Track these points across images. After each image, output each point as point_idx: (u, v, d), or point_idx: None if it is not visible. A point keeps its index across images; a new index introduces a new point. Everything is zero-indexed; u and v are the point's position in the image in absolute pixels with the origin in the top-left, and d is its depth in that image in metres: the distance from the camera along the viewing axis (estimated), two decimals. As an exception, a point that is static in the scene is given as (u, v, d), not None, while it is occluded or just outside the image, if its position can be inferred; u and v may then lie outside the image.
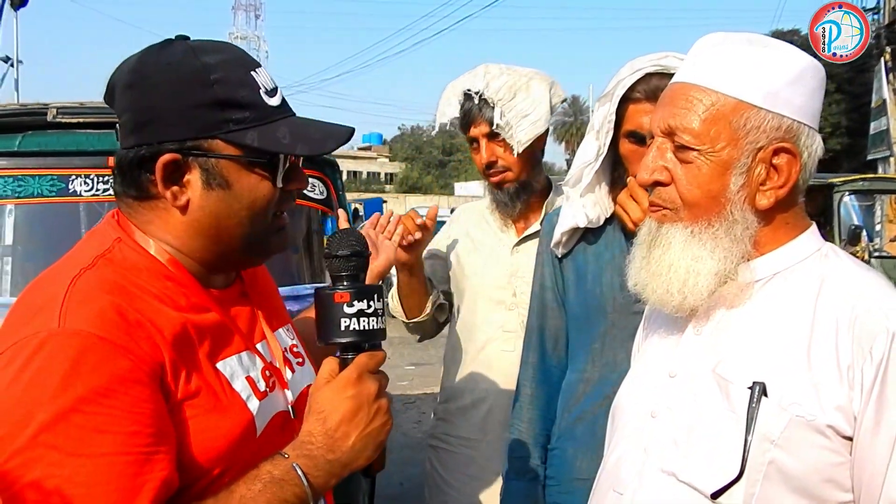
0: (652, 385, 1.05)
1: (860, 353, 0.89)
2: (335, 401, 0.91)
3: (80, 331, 0.81)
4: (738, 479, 0.91)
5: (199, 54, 0.94)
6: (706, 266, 0.96)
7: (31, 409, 0.78)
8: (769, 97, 0.95)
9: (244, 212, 0.95)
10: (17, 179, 1.86)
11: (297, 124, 0.97)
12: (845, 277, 0.96)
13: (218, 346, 0.95)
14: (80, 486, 0.77)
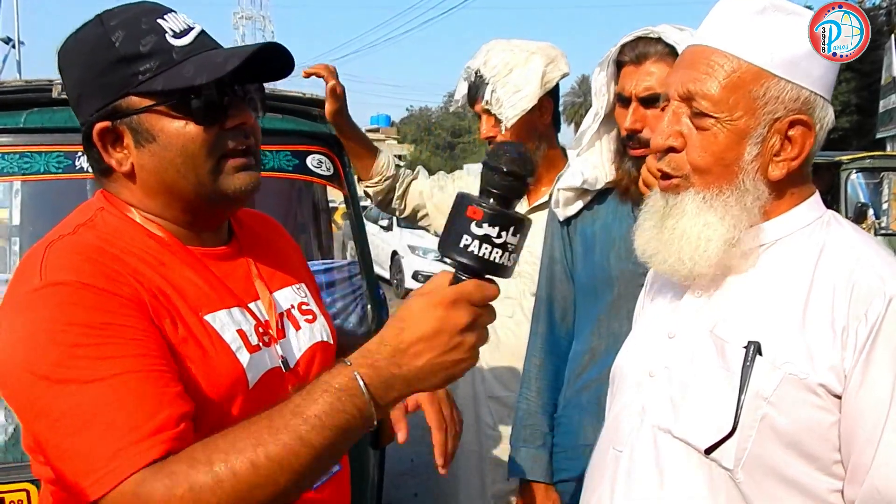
0: (651, 346, 1.06)
1: (855, 316, 0.90)
2: (420, 315, 0.81)
3: (63, 280, 0.84)
4: (731, 435, 0.92)
5: (105, 21, 0.94)
6: (717, 232, 0.96)
7: (38, 355, 0.81)
8: (790, 67, 0.94)
9: (178, 159, 0.93)
10: (24, 156, 1.86)
11: (204, 57, 0.93)
12: (845, 243, 0.96)
13: (203, 300, 0.95)
14: (103, 405, 0.79)
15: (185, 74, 0.91)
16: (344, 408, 0.80)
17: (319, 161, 2.13)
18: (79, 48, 0.94)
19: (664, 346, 1.04)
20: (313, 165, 2.12)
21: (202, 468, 0.77)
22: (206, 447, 0.79)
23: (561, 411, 1.68)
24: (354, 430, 0.81)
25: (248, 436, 0.79)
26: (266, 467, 0.77)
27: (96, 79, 0.92)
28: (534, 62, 1.87)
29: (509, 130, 1.88)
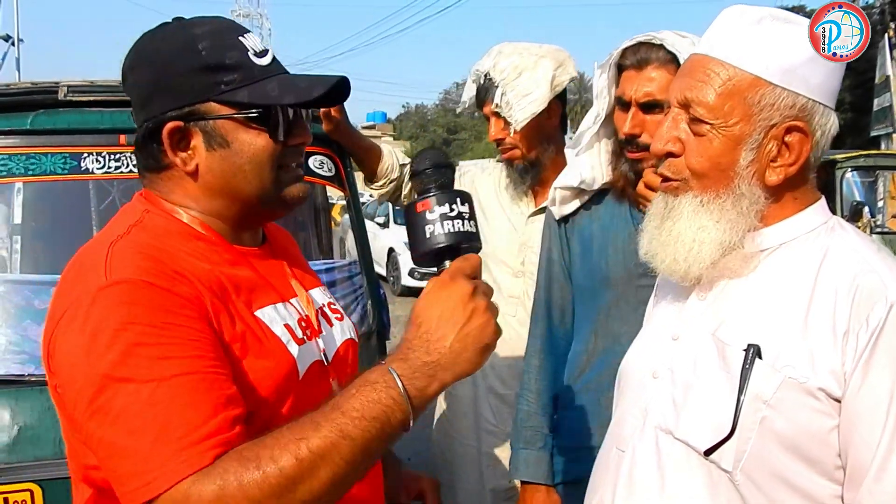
0: (656, 347, 1.08)
1: (857, 320, 0.91)
2: (428, 304, 0.89)
3: (126, 279, 0.88)
4: (730, 437, 0.93)
5: (188, 28, 1.00)
6: (710, 235, 0.98)
7: (100, 353, 0.84)
8: (786, 74, 0.95)
9: (246, 166, 0.99)
10: (30, 157, 1.88)
11: (286, 79, 1.01)
12: (849, 249, 0.97)
13: (254, 296, 1.00)
14: (160, 406, 0.82)
15: (271, 92, 0.98)
16: (379, 398, 0.84)
17: (321, 162, 2.16)
18: (158, 48, 0.99)
19: (668, 348, 1.06)
20: (315, 166, 2.15)
21: (251, 465, 0.80)
22: (255, 445, 0.82)
23: (561, 412, 1.70)
24: (392, 422, 0.85)
25: (291, 432, 0.82)
26: (309, 460, 0.81)
27: (178, 80, 0.97)
28: (543, 66, 1.89)
29: (519, 133, 1.91)
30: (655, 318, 1.15)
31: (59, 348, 0.89)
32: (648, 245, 1.06)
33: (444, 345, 0.87)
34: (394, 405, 0.85)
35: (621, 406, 1.13)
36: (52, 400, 0.96)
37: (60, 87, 1.96)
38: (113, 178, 1.94)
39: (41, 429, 1.68)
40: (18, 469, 1.64)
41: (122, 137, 1.93)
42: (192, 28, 1.00)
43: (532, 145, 1.94)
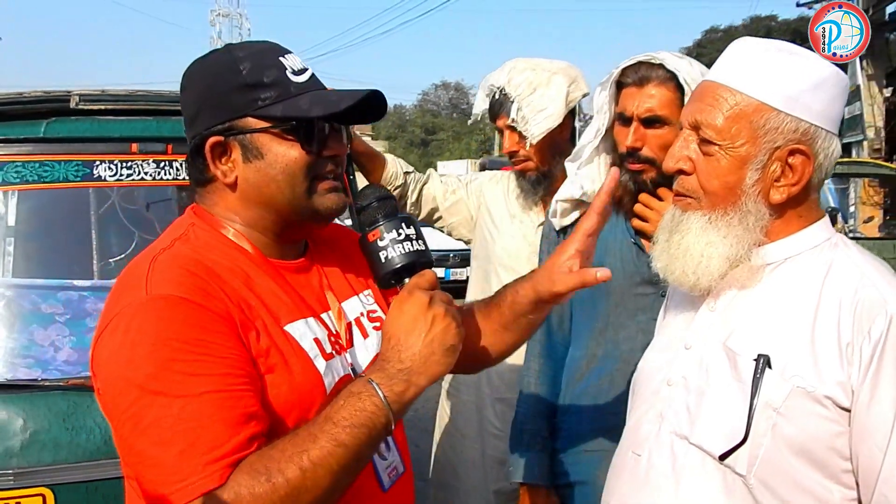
0: (669, 356, 1.14)
1: (859, 333, 0.96)
2: (393, 319, 0.99)
3: (164, 295, 0.94)
4: (744, 443, 0.99)
5: (232, 51, 1.07)
6: (718, 251, 1.05)
7: (137, 366, 0.90)
8: (789, 101, 1.02)
9: (280, 177, 1.05)
10: (44, 164, 1.91)
11: (319, 94, 1.07)
12: (851, 264, 1.03)
13: (284, 311, 1.05)
14: (188, 421, 0.89)
15: (302, 106, 1.04)
16: (364, 406, 0.93)
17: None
18: (205, 70, 1.08)
19: (681, 357, 1.12)
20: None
21: (261, 478, 0.87)
22: (262, 457, 0.89)
23: (560, 416, 1.74)
24: (377, 426, 0.94)
25: (293, 445, 0.89)
26: (311, 470, 0.88)
27: (219, 98, 1.04)
28: (556, 82, 1.97)
29: (534, 147, 1.99)
30: (668, 328, 1.21)
31: (101, 356, 0.95)
32: (659, 257, 1.13)
33: (413, 352, 0.96)
34: (377, 411, 0.93)
35: (636, 412, 1.18)
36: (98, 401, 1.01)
37: (72, 96, 1.98)
38: (125, 185, 1.97)
39: (53, 433, 1.71)
40: (30, 473, 1.67)
41: (133, 146, 1.97)
42: (236, 51, 1.07)
43: (545, 158, 2.02)
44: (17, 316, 1.91)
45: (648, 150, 1.58)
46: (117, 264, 1.98)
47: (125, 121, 2.00)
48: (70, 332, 1.92)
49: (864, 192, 10.00)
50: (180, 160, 1.99)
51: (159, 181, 1.99)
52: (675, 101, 1.56)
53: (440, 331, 0.97)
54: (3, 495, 1.62)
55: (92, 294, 1.98)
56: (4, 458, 1.67)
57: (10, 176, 1.90)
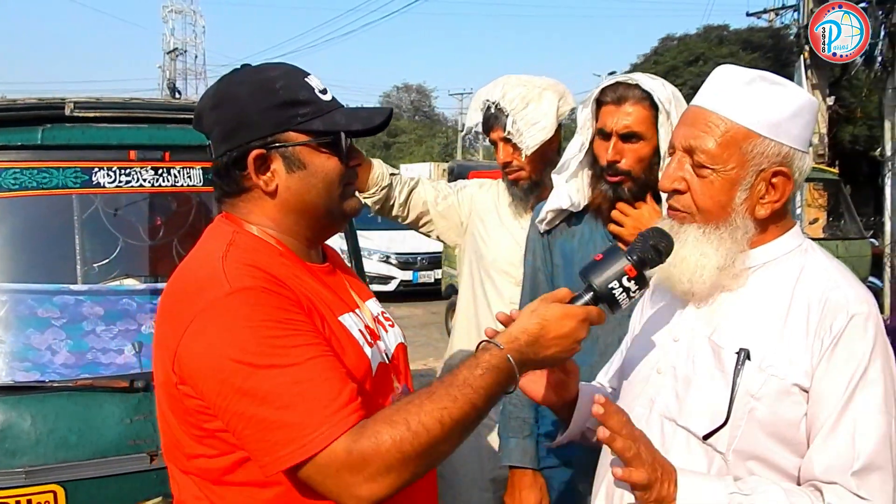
0: (658, 347, 1.27)
1: (823, 328, 1.10)
2: (559, 320, 1.11)
3: (247, 286, 1.04)
4: (724, 425, 1.12)
5: (263, 71, 1.17)
6: (711, 261, 1.17)
7: (242, 347, 0.99)
8: (773, 128, 1.14)
9: (320, 185, 1.16)
10: (42, 171, 1.94)
11: (349, 111, 1.19)
12: (820, 269, 1.17)
13: (334, 305, 1.16)
14: (303, 383, 0.99)
15: (340, 122, 1.15)
16: (499, 381, 1.06)
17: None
18: (242, 90, 1.15)
19: (670, 348, 1.24)
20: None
21: (401, 426, 0.98)
22: (399, 411, 1.00)
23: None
24: (501, 395, 1.09)
25: (432, 402, 1.01)
26: (450, 426, 1.00)
27: (260, 114, 1.12)
28: (547, 97, 2.11)
29: (527, 157, 2.12)
30: (655, 321, 1.33)
31: (193, 349, 1.02)
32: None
33: (546, 353, 1.12)
34: (506, 385, 1.08)
35: (627, 397, 1.31)
36: (166, 400, 1.10)
37: (67, 103, 2.02)
38: (124, 192, 2.02)
39: (62, 432, 1.76)
40: (41, 471, 1.71)
41: (132, 153, 2.02)
42: (267, 72, 1.16)
43: (537, 168, 2.14)
44: (14, 321, 1.94)
45: (626, 163, 1.73)
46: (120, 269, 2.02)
47: (123, 128, 2.05)
48: (67, 336, 1.96)
49: (809, 196, 10.44)
50: (178, 167, 2.04)
51: (158, 188, 2.05)
52: (650, 118, 1.72)
53: (564, 357, 1.14)
54: (16, 493, 1.66)
55: (88, 298, 2.02)
56: (16, 456, 1.70)
57: (9, 182, 1.93)
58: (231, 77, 1.18)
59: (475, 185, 2.36)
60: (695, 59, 24.51)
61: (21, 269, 2.06)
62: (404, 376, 1.29)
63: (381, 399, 1.15)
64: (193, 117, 1.20)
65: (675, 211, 1.22)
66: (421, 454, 0.99)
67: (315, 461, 0.97)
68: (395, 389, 1.22)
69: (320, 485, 0.99)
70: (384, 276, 11.02)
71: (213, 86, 1.20)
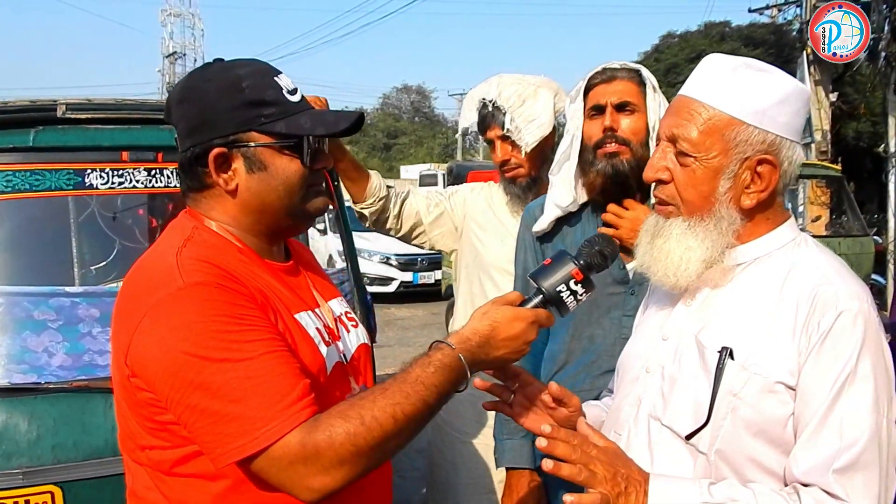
0: (648, 346, 1.26)
1: (811, 324, 1.07)
2: (509, 322, 1.14)
3: (200, 281, 1.04)
4: (706, 425, 1.10)
5: (232, 68, 1.16)
6: (695, 254, 1.15)
7: (195, 341, 0.99)
8: (757, 115, 1.11)
9: (280, 188, 1.15)
10: (34, 174, 1.94)
11: (315, 113, 1.17)
12: (811, 265, 1.13)
13: (290, 303, 1.16)
14: (255, 378, 0.99)
15: (304, 125, 1.14)
16: (450, 379, 1.09)
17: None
18: (209, 86, 1.14)
19: (659, 347, 1.23)
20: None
21: (354, 420, 0.99)
22: (353, 406, 1.01)
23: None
24: (452, 395, 1.11)
25: (385, 398, 1.02)
26: (403, 422, 1.01)
27: (225, 113, 1.12)
28: (542, 94, 2.11)
29: (527, 155, 2.12)
30: (648, 321, 1.32)
31: (145, 342, 1.03)
32: (643, 258, 1.23)
33: (495, 353, 1.15)
34: (457, 384, 1.11)
35: (619, 395, 1.30)
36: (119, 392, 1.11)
37: (59, 105, 2.02)
38: (117, 193, 2.02)
39: (58, 433, 1.76)
40: (38, 472, 1.72)
41: (124, 154, 2.02)
42: (236, 69, 1.15)
43: (535, 165, 2.14)
44: (10, 323, 1.94)
45: (623, 132, 1.71)
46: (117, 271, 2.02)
47: (115, 129, 2.05)
48: (63, 338, 1.96)
49: (811, 193, 10.41)
50: (171, 168, 2.04)
51: (151, 189, 2.05)
52: (640, 92, 1.73)
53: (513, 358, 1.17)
54: (13, 493, 1.67)
55: (83, 300, 2.02)
56: (12, 457, 1.71)
57: (1, 185, 1.93)
58: (201, 72, 1.18)
59: (467, 189, 2.36)
60: (696, 56, 24.39)
61: (17, 272, 2.06)
62: (364, 377, 1.29)
63: (336, 398, 1.15)
64: (164, 109, 1.20)
65: (661, 205, 1.21)
66: (374, 448, 1.00)
67: (268, 453, 0.98)
68: (352, 390, 1.22)
69: (273, 477, 1.00)
70: (384, 278, 11.04)
71: (182, 79, 1.19)
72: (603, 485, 1.04)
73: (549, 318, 1.18)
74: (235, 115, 1.12)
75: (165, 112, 1.19)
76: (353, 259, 2.39)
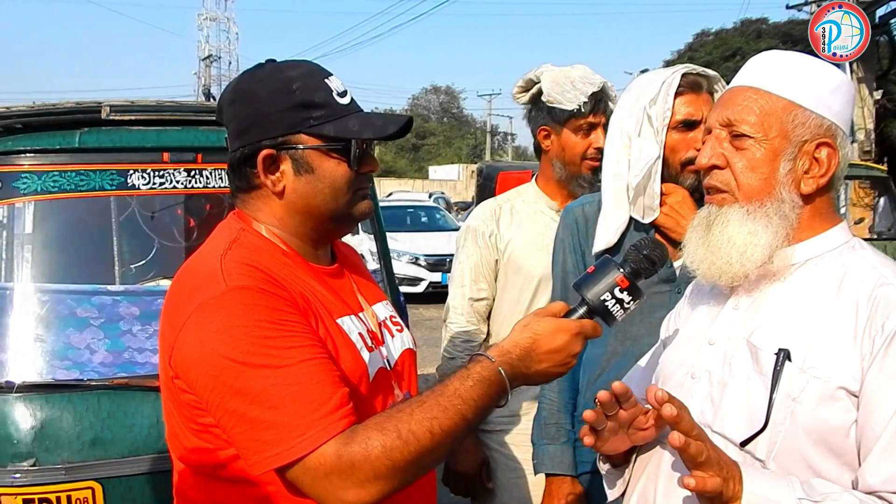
0: (693, 351, 1.21)
1: (874, 327, 1.03)
2: (552, 334, 1.11)
3: (243, 286, 1.04)
4: (763, 430, 1.05)
5: (283, 70, 1.16)
6: (761, 239, 1.11)
7: (235, 346, 0.99)
8: (814, 100, 1.11)
9: (327, 190, 1.15)
10: (80, 174, 1.98)
11: (364, 116, 1.17)
12: (868, 266, 1.10)
13: (333, 307, 1.15)
14: (293, 385, 0.98)
15: (352, 128, 1.14)
16: (489, 393, 1.06)
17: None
18: (260, 88, 1.14)
19: (705, 352, 1.18)
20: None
21: (391, 434, 0.97)
22: (390, 419, 1.00)
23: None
24: (492, 409, 1.07)
25: (422, 411, 1.00)
26: (440, 436, 0.99)
27: (274, 114, 1.12)
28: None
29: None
30: (690, 324, 1.27)
31: (188, 344, 1.03)
32: (695, 253, 1.18)
33: (537, 367, 1.11)
34: (497, 398, 1.07)
35: None
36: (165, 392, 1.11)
37: (103, 107, 2.06)
38: (158, 193, 2.05)
39: (100, 430, 1.79)
40: (80, 468, 1.75)
41: (165, 155, 2.05)
42: (287, 71, 1.16)
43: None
44: (54, 320, 1.98)
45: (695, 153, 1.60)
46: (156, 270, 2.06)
47: (157, 131, 2.08)
48: (105, 336, 2.00)
49: (854, 195, 10.12)
50: (210, 168, 2.07)
51: (190, 189, 2.07)
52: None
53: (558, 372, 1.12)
54: (55, 489, 1.70)
55: (124, 298, 2.06)
56: (55, 453, 1.74)
57: (49, 185, 1.97)
58: (252, 73, 1.18)
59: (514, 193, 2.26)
60: (731, 55, 24.08)
61: (61, 270, 2.11)
62: (408, 383, 1.27)
63: (379, 405, 1.15)
64: (216, 109, 1.21)
65: (713, 194, 1.17)
66: (410, 462, 0.98)
67: (304, 463, 0.97)
68: (395, 396, 1.21)
69: (307, 487, 0.99)
70: (413, 278, 11.05)
71: (235, 79, 1.20)
72: (714, 469, 0.99)
73: (596, 329, 1.14)
74: (285, 117, 1.12)
75: (217, 112, 1.20)
76: (388, 260, 2.38)
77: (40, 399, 1.80)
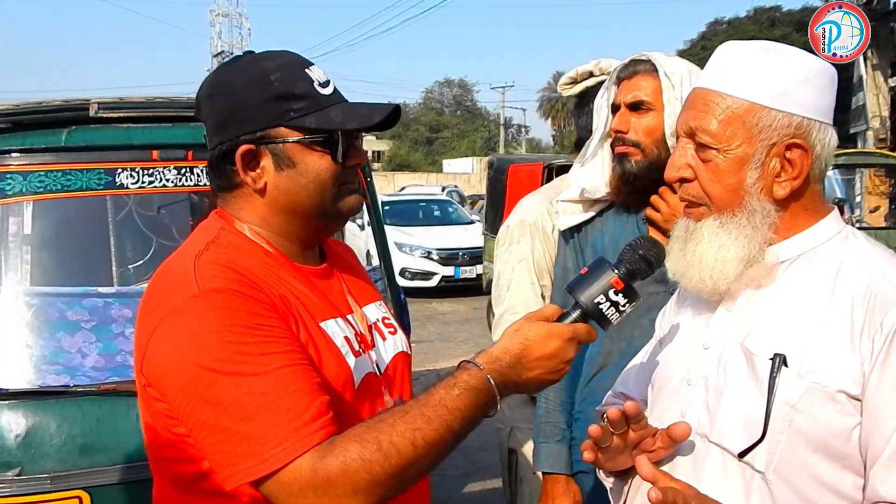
0: (688, 356, 1.16)
1: (872, 325, 0.98)
2: (543, 339, 1.04)
3: (216, 288, 0.98)
4: (762, 440, 1.00)
5: (261, 61, 1.09)
6: (731, 253, 1.06)
7: (207, 352, 0.94)
8: (778, 98, 1.04)
9: (311, 185, 1.08)
10: (66, 174, 1.94)
11: (347, 107, 1.11)
12: (863, 258, 1.05)
13: (317, 309, 1.09)
14: (268, 394, 0.93)
15: (335, 119, 1.07)
16: (478, 403, 1.00)
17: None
18: (236, 81, 1.08)
19: (699, 357, 1.13)
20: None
21: (371, 446, 0.91)
22: (371, 430, 0.94)
23: (578, 407, 1.81)
24: (480, 419, 1.01)
25: (405, 422, 0.94)
26: (423, 448, 0.93)
27: (252, 108, 1.06)
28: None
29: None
30: (683, 328, 1.22)
31: (159, 351, 0.98)
32: (675, 266, 1.14)
33: (528, 374, 1.05)
34: (485, 408, 1.01)
35: (657, 410, 1.20)
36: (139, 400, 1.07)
37: (91, 105, 2.02)
38: (147, 192, 2.01)
39: (87, 437, 1.76)
40: (66, 477, 1.71)
41: (154, 153, 2.00)
42: (265, 62, 1.09)
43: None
44: (44, 324, 1.94)
45: (633, 134, 1.66)
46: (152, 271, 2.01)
47: (145, 128, 2.03)
48: (97, 339, 1.96)
49: (869, 182, 9.97)
50: (201, 166, 2.02)
51: (181, 188, 2.02)
52: (659, 89, 1.66)
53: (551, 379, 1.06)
54: (41, 498, 1.67)
55: (116, 301, 2.02)
56: (41, 462, 1.71)
57: (34, 185, 1.93)
58: (230, 66, 1.12)
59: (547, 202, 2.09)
60: (745, 43, 23.69)
61: (52, 272, 2.07)
62: (400, 389, 1.21)
63: (366, 412, 1.09)
64: (195, 104, 1.14)
65: (689, 207, 1.13)
66: (391, 476, 0.92)
67: (278, 478, 0.91)
68: (385, 403, 1.15)
69: (282, 502, 0.93)
70: (426, 272, 11.02)
71: (212, 73, 1.14)
72: None
73: (591, 334, 1.08)
74: (264, 110, 1.06)
75: (195, 108, 1.14)
76: (386, 256, 2.33)
77: (26, 406, 1.76)
